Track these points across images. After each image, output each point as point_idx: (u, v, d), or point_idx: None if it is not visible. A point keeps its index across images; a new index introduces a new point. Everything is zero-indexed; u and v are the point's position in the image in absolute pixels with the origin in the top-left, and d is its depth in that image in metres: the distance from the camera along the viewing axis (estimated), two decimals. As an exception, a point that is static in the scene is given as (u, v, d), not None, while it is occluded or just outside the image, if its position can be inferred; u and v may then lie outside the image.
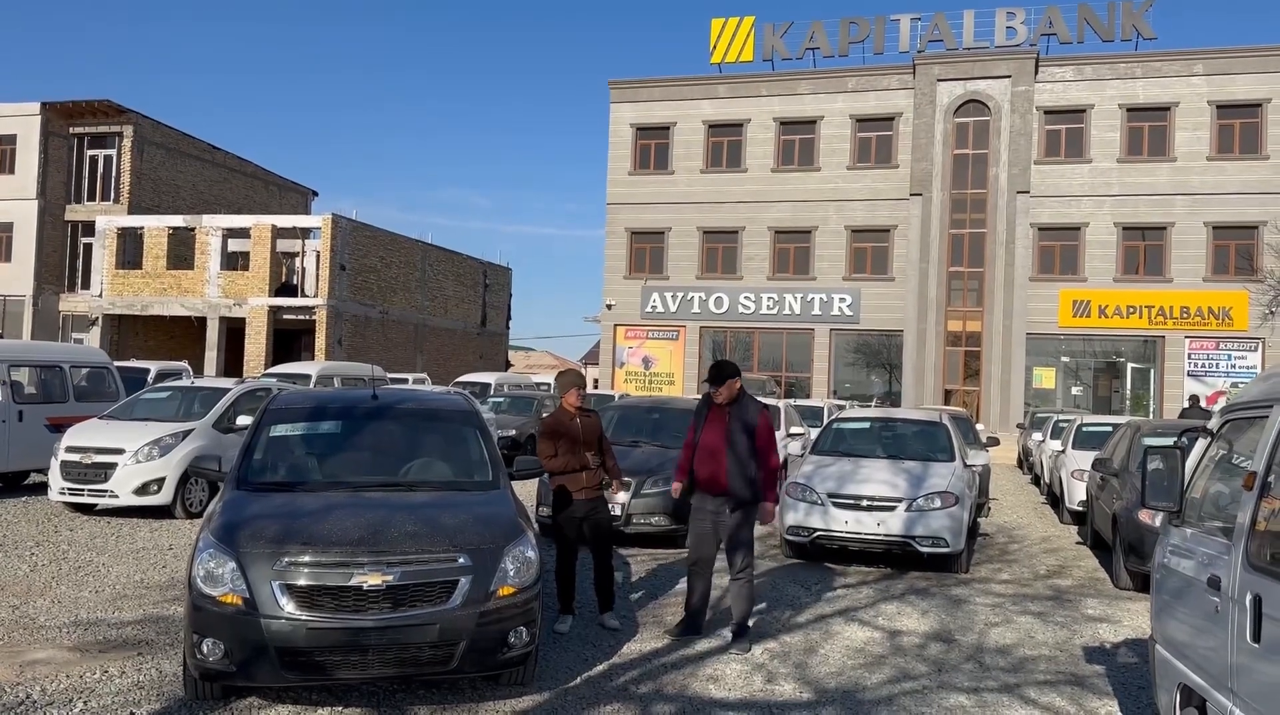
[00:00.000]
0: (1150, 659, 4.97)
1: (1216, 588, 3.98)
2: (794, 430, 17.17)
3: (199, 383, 14.47)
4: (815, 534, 9.93)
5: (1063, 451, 15.42)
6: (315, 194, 48.69)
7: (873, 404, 28.28)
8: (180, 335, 36.57)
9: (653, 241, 35.75)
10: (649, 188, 35.67)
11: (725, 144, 35.17)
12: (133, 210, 37.01)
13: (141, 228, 35.88)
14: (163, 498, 11.72)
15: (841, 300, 33.53)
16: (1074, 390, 32.37)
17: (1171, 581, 4.68)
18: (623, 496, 10.30)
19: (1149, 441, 9.73)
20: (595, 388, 39.14)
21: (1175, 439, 4.92)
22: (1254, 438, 4.11)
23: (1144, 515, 8.77)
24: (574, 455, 7.18)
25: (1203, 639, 4.15)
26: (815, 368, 33.90)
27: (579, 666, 6.25)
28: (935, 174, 32.77)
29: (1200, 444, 4.84)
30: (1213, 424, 4.79)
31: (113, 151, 37.74)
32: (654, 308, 35.42)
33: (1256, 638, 3.56)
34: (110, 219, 36.03)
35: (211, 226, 34.94)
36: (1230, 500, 4.25)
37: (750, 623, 7.19)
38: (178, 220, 35.65)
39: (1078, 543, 12.62)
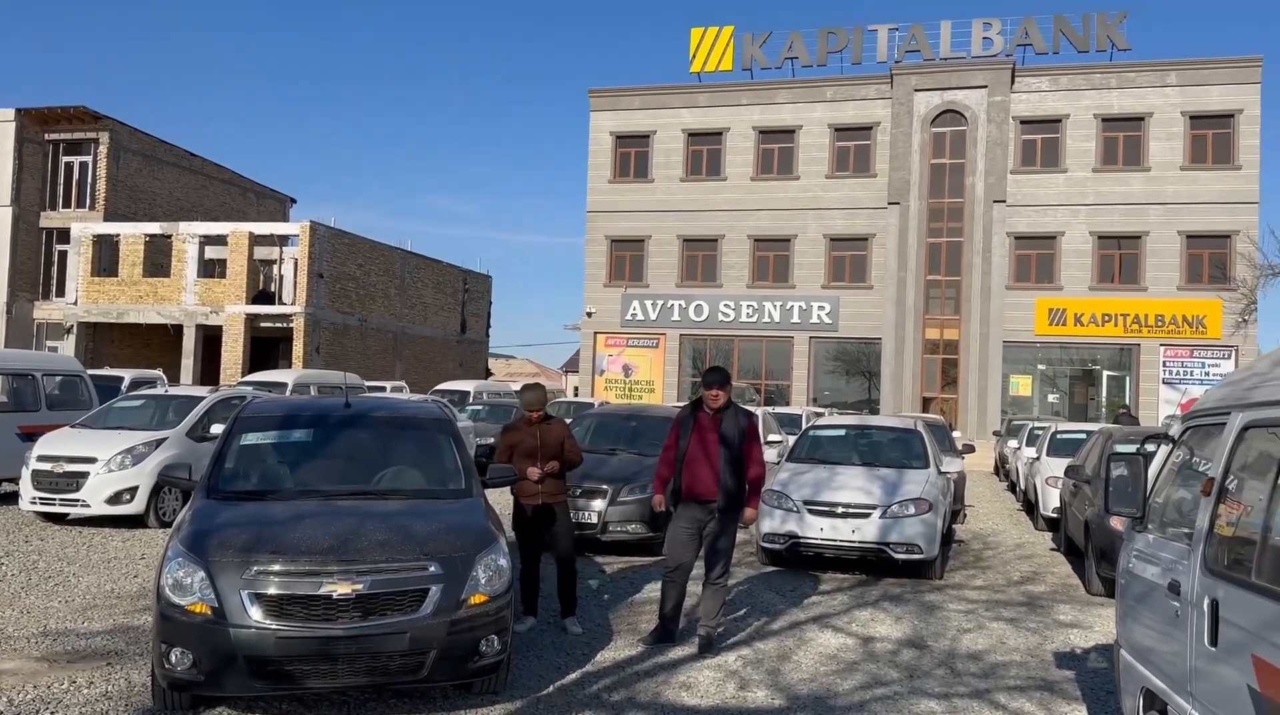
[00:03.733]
0: (1115, 664, 5.02)
1: (1176, 592, 4.03)
2: (772, 438, 17.19)
3: (173, 391, 14.38)
4: (791, 541, 9.96)
5: (1037, 458, 15.54)
6: (294, 201, 48.47)
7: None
8: (156, 343, 36.29)
9: (633, 249, 35.79)
10: (629, 196, 35.73)
11: (705, 152, 35.28)
12: (108, 217, 36.72)
13: (117, 235, 35.62)
14: (135, 507, 11.63)
15: (820, 308, 33.66)
16: (1050, 398, 32.60)
17: (1135, 586, 4.74)
18: (598, 503, 10.33)
19: (1119, 448, 9.84)
20: (575, 395, 39.10)
21: (1138, 446, 4.99)
22: (1215, 444, 4.17)
23: (1115, 521, 8.85)
24: (527, 462, 7.31)
25: (1164, 643, 4.21)
26: (795, 375, 33.99)
27: (552, 674, 6.25)
28: (913, 183, 32.99)
29: (1162, 451, 4.91)
30: (1174, 431, 4.85)
31: (88, 158, 37.42)
32: (634, 315, 35.44)
33: (1214, 641, 3.61)
34: (86, 226, 35.75)
35: (188, 234, 34.73)
36: (1191, 506, 4.31)
37: (720, 629, 7.23)
38: (154, 227, 35.40)
39: (1051, 549, 12.72)
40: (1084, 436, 14.81)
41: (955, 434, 19.49)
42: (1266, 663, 3.20)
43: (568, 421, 9.67)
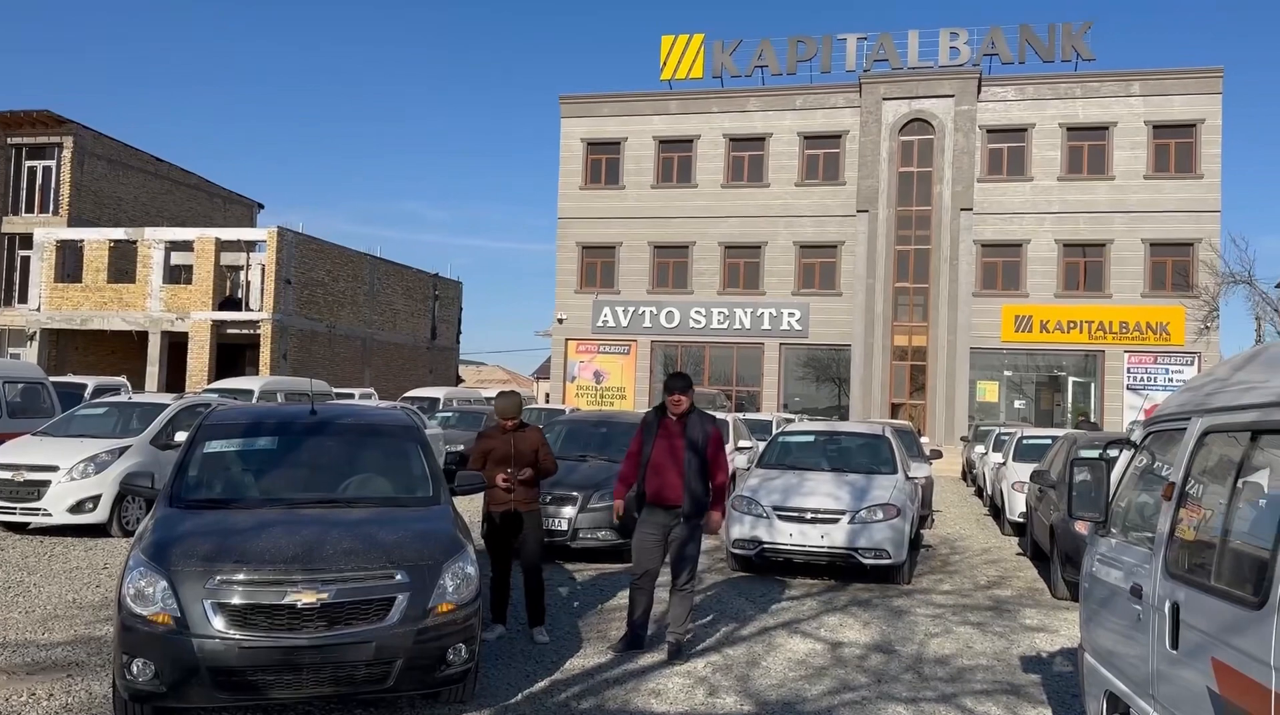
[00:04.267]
0: (1079, 667, 5.07)
1: (1138, 596, 4.08)
2: (742, 444, 17.25)
3: (137, 398, 14.18)
4: (761, 547, 9.98)
5: (1004, 464, 15.67)
6: (261, 206, 48.06)
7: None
8: (121, 350, 35.80)
9: (604, 256, 35.81)
10: (600, 202, 35.76)
11: (676, 159, 35.38)
12: (72, 223, 36.21)
13: (81, 240, 35.14)
14: (98, 516, 11.46)
15: (790, 315, 33.82)
16: (1017, 404, 32.94)
17: (1098, 590, 4.79)
18: (568, 510, 10.31)
19: (1082, 454, 9.95)
20: (547, 402, 39.02)
21: (1101, 451, 5.04)
22: (1176, 449, 4.22)
23: (1079, 526, 8.93)
24: (499, 469, 7.28)
25: (1126, 646, 4.25)
26: (765, 382, 34.13)
27: (520, 682, 6.22)
28: (881, 191, 33.25)
29: (1125, 456, 4.97)
30: (1136, 436, 4.91)
31: (52, 162, 36.90)
32: (605, 322, 35.44)
33: (1175, 645, 3.66)
34: (49, 231, 35.24)
35: (154, 239, 34.32)
36: (1153, 510, 4.36)
37: (688, 636, 7.22)
38: (119, 233, 34.96)
39: (1018, 554, 12.83)
40: (1049, 442, 14.96)
41: (923, 439, 19.63)
42: (1226, 665, 3.24)
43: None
